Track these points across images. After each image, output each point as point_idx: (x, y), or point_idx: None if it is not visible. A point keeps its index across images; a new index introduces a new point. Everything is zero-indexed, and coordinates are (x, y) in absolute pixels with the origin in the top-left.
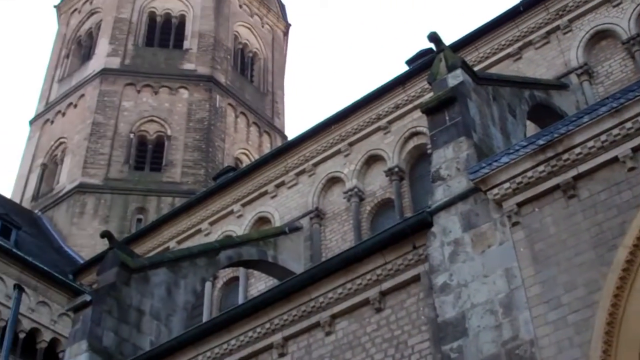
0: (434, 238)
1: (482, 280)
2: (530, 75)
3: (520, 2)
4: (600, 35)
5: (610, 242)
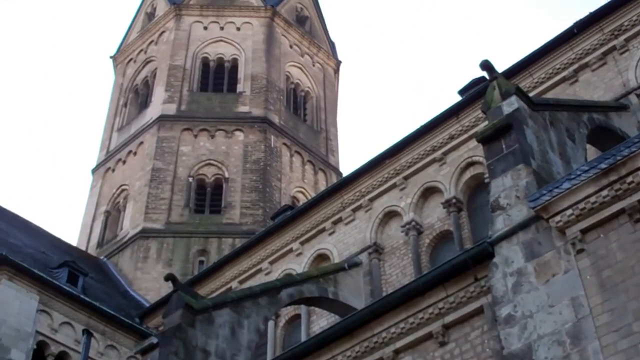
0: (496, 269)
1: (548, 310)
2: (587, 98)
3: (574, 24)
4: None
5: None
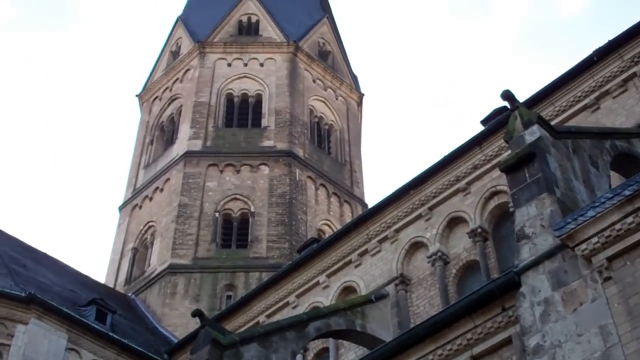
0: (524, 298)
1: (577, 339)
2: (609, 125)
3: (594, 52)
4: None
5: None
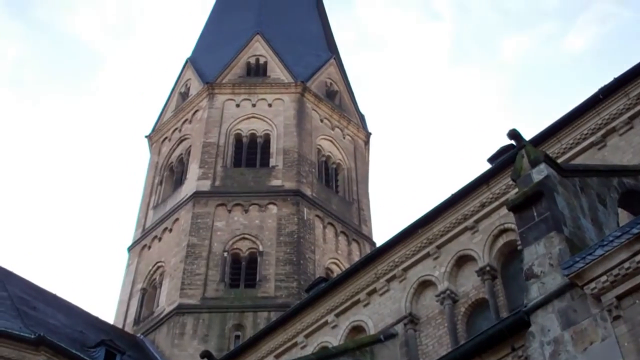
0: (533, 338)
1: None
2: (617, 163)
3: (600, 90)
4: None
5: None
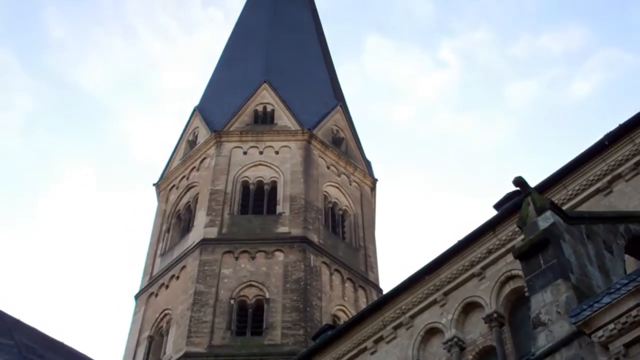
0: None
1: None
2: (623, 209)
3: (605, 136)
4: None
5: None
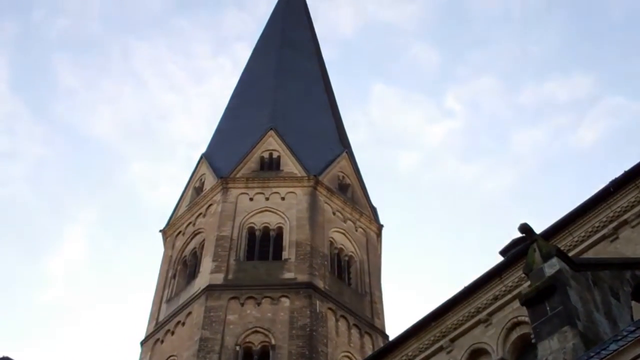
0: None
1: None
2: (629, 255)
3: (610, 183)
4: None
5: None
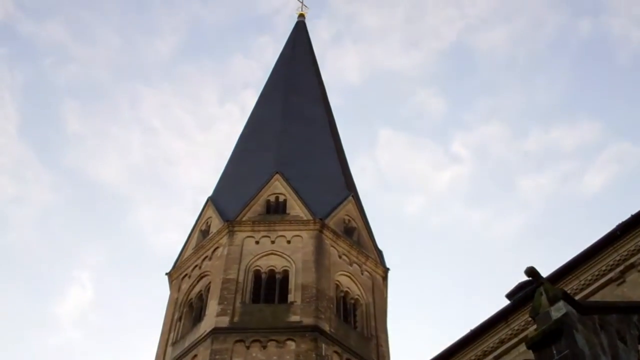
0: None
1: None
2: (636, 299)
3: (617, 227)
4: None
5: None
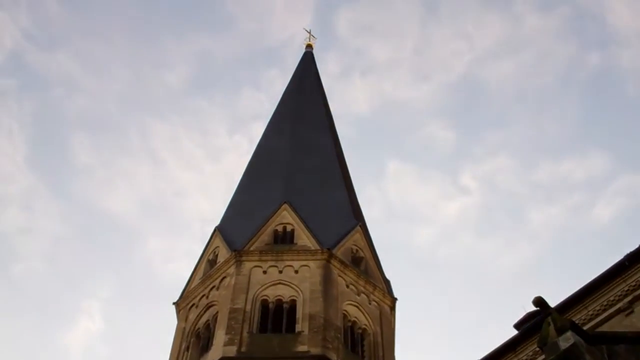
0: None
1: None
2: None
3: (625, 257)
4: None
5: None
